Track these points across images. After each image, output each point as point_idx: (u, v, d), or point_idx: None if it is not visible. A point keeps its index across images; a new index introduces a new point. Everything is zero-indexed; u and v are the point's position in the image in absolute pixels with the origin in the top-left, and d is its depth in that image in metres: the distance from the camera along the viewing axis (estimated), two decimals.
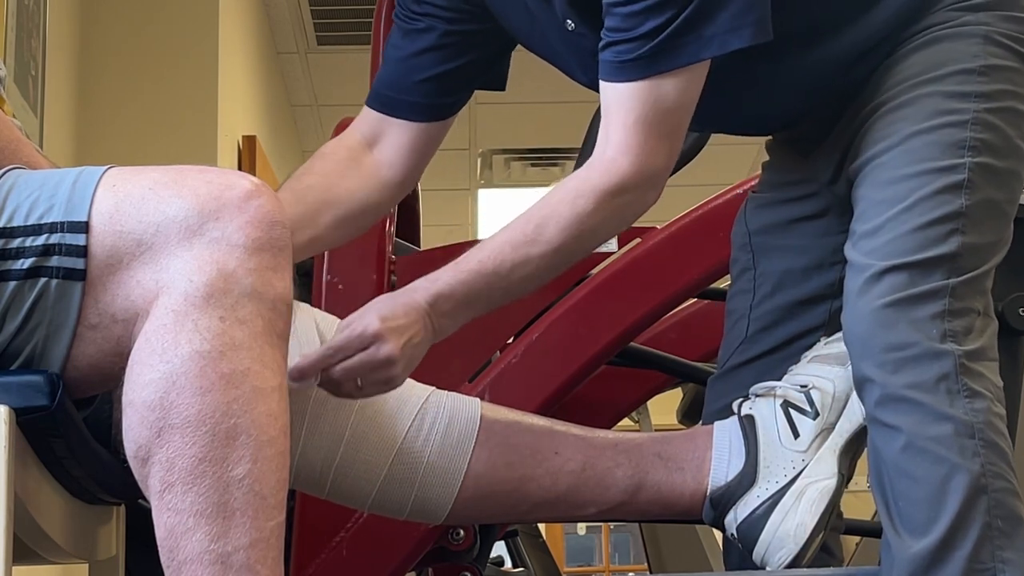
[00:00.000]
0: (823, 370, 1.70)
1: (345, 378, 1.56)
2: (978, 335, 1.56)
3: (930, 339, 1.52)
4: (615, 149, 1.58)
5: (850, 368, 1.65)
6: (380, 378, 1.57)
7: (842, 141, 1.70)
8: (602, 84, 1.60)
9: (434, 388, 1.72)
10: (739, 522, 1.67)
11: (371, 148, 1.82)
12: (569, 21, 1.66)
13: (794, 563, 1.64)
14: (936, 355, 1.52)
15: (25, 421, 1.28)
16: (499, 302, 1.63)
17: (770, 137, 1.88)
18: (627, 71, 1.57)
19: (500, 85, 1.87)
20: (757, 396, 1.72)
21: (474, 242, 1.78)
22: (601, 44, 1.59)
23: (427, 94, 1.80)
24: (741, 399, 1.74)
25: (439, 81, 1.80)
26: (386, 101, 1.81)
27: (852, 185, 1.66)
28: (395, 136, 1.81)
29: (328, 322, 1.71)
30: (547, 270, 1.61)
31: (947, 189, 1.57)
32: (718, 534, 1.81)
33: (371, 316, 1.56)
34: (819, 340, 1.77)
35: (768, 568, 1.66)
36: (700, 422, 1.86)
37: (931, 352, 1.52)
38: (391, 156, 1.81)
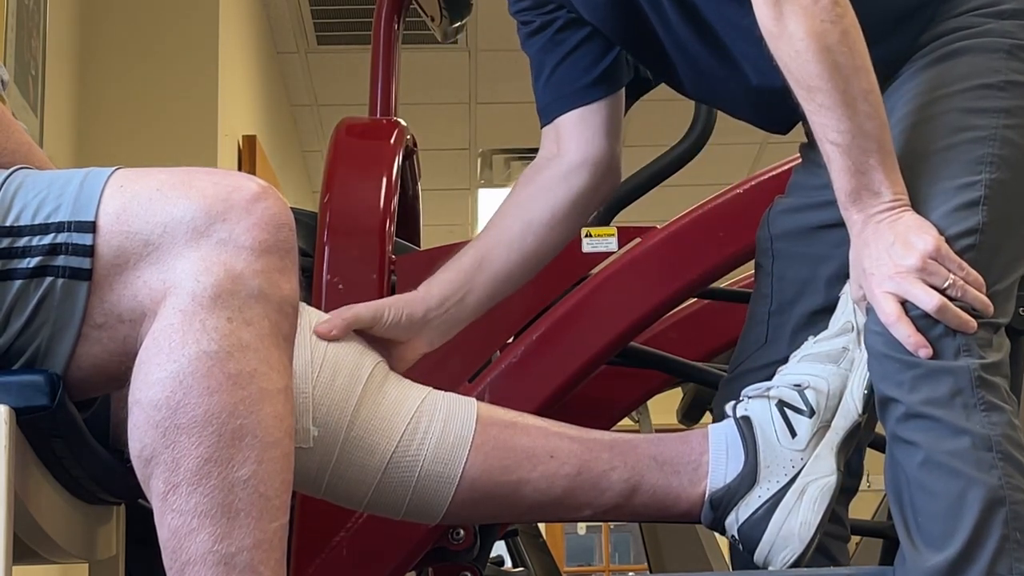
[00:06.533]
0: (815, 368, 1.69)
1: None
2: (996, 350, 1.55)
3: (944, 355, 1.52)
4: None
5: (843, 365, 1.66)
6: None
7: None
8: None
9: (431, 389, 1.72)
10: (740, 523, 1.67)
11: (552, 159, 1.92)
12: None
13: (797, 562, 1.64)
14: (949, 370, 1.51)
15: (25, 421, 1.28)
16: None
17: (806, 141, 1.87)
18: None
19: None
20: (750, 398, 1.72)
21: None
22: None
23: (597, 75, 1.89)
24: (734, 402, 1.73)
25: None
26: (555, 107, 1.91)
27: None
28: (575, 128, 1.90)
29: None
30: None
31: (964, 206, 1.56)
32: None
33: None
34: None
35: (771, 567, 1.66)
36: (712, 420, 1.85)
37: (944, 368, 1.51)
38: (579, 143, 1.91)
